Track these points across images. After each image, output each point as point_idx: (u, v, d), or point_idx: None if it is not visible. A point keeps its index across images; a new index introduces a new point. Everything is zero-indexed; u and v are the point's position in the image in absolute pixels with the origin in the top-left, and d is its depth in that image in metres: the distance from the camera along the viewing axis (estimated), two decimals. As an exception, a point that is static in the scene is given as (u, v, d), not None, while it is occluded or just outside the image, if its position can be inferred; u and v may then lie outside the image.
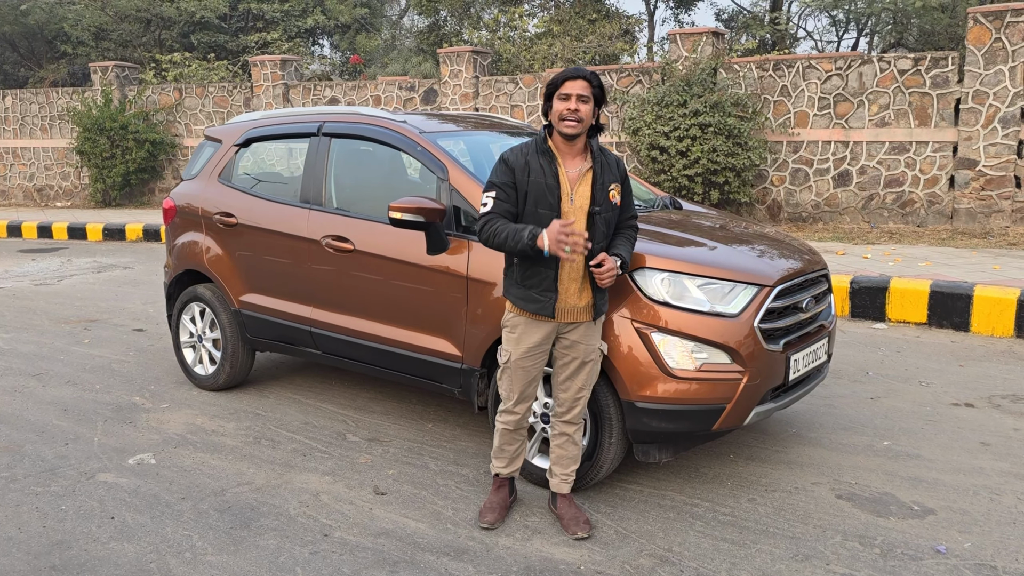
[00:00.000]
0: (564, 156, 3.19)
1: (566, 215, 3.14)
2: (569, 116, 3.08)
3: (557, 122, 3.12)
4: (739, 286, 3.52)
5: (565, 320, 3.23)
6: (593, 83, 3.12)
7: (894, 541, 3.24)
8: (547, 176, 3.14)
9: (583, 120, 3.10)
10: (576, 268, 3.18)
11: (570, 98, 3.08)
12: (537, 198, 3.14)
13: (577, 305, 3.22)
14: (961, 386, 5.13)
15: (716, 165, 10.16)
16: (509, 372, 3.33)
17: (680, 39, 11.39)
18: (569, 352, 3.28)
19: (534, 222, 3.12)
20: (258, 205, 4.85)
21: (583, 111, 3.09)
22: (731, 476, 3.86)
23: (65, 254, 11.29)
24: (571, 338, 3.26)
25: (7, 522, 3.51)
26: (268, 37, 18.71)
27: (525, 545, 3.27)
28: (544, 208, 3.14)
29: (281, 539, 3.34)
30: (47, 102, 16.45)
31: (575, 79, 3.10)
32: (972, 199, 9.82)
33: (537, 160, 3.17)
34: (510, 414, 3.39)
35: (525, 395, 3.36)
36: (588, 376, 3.31)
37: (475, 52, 13.07)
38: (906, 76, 10.06)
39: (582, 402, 3.34)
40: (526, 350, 3.27)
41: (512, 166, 3.18)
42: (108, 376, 5.57)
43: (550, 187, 3.13)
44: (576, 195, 3.15)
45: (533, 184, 3.14)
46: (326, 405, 4.93)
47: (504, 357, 3.34)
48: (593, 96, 3.12)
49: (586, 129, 3.15)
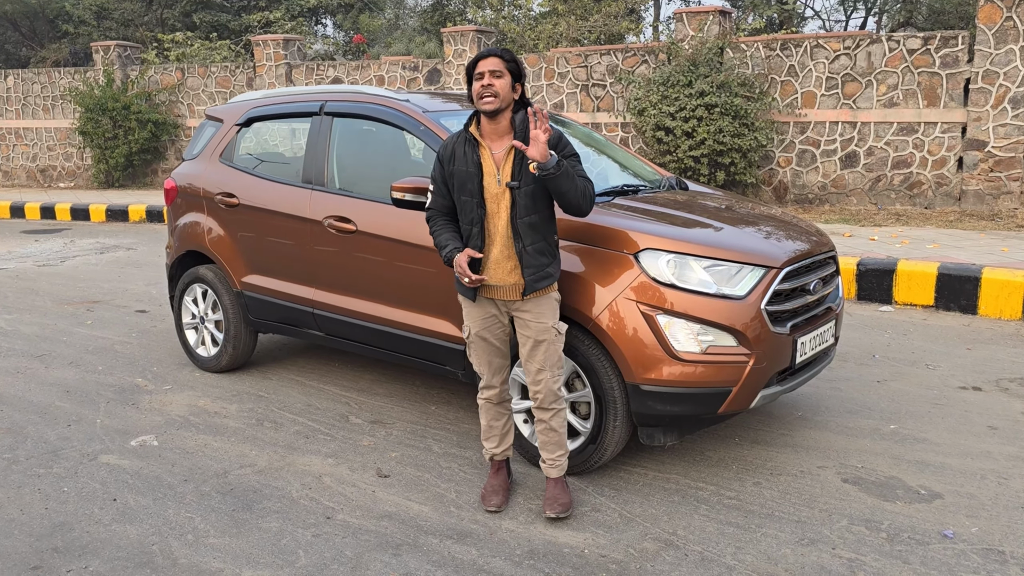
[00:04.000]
0: (491, 137, 3.24)
1: (494, 197, 3.19)
2: (484, 92, 3.13)
3: (477, 101, 3.17)
4: (746, 268, 3.48)
5: (492, 297, 3.26)
6: (505, 58, 3.18)
7: (901, 525, 3.21)
8: (468, 164, 3.20)
9: (499, 95, 3.13)
10: (506, 247, 3.19)
11: (483, 76, 3.13)
12: (460, 186, 3.23)
13: (510, 283, 3.22)
14: (968, 369, 5.08)
15: (722, 146, 10.07)
16: (473, 347, 3.40)
17: (687, 18, 11.26)
18: (523, 331, 3.29)
19: (460, 208, 3.26)
20: (260, 185, 4.80)
21: (497, 85, 3.12)
22: (736, 459, 3.83)
23: (68, 235, 11.26)
24: (522, 317, 3.27)
25: (9, 504, 3.50)
26: (271, 16, 18.58)
27: (528, 528, 3.25)
28: (466, 195, 3.21)
29: (283, 521, 3.33)
30: (49, 82, 16.36)
31: (486, 57, 3.17)
32: (980, 181, 9.72)
33: (462, 148, 3.24)
34: (489, 389, 3.43)
35: (496, 367, 3.40)
36: (545, 356, 3.25)
37: (479, 32, 12.94)
38: (915, 56, 9.93)
39: (543, 385, 3.27)
40: (479, 323, 3.33)
41: (441, 158, 3.31)
42: (111, 358, 5.55)
43: (470, 174, 3.20)
44: (503, 174, 3.19)
45: (457, 172, 3.23)
46: (329, 387, 4.91)
47: (465, 332, 3.41)
48: (508, 71, 3.16)
49: (506, 104, 3.18)
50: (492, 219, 3.20)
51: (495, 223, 3.19)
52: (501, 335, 3.36)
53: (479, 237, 3.20)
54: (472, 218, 3.20)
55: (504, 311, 3.31)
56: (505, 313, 3.32)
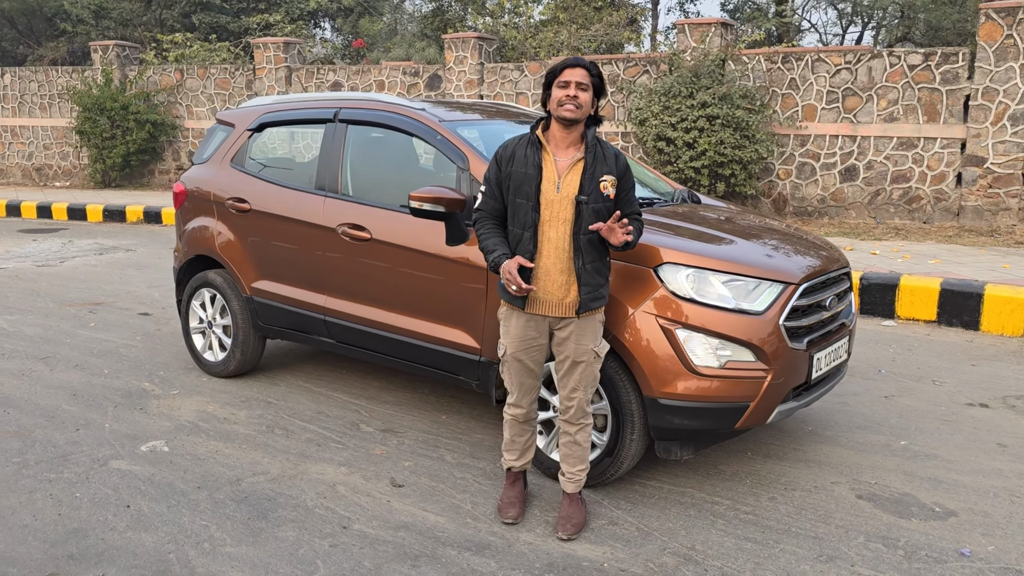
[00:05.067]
0: (557, 145, 3.18)
1: (549, 204, 3.13)
2: (568, 102, 3.07)
3: (555, 108, 3.12)
4: (764, 283, 3.49)
5: (540, 312, 3.19)
6: (593, 72, 3.12)
7: (917, 543, 3.23)
8: (528, 166, 3.15)
9: (582, 107, 3.09)
10: (560, 260, 3.14)
11: (569, 85, 3.08)
12: (516, 187, 3.17)
13: (562, 299, 3.17)
14: (974, 386, 5.12)
15: (723, 157, 10.11)
16: (507, 366, 3.33)
17: (689, 29, 11.31)
18: (561, 350, 3.25)
19: (512, 212, 3.18)
20: (272, 191, 4.79)
21: (582, 98, 3.08)
22: (750, 474, 3.84)
23: (66, 235, 11.20)
24: (561, 335, 3.23)
25: (21, 509, 3.47)
26: (271, 19, 18.54)
27: (547, 541, 3.25)
28: (521, 197, 3.15)
29: (300, 531, 3.31)
30: (46, 80, 16.29)
31: (575, 67, 3.10)
32: (979, 197, 9.80)
33: (524, 150, 3.19)
34: (516, 407, 3.38)
35: (527, 388, 3.34)
36: (581, 377, 3.24)
37: (480, 38, 12.96)
38: (916, 71, 10.01)
39: (576, 402, 3.27)
40: (518, 343, 3.26)
41: (498, 159, 3.24)
42: (116, 361, 5.52)
43: (528, 176, 3.14)
44: (564, 183, 3.13)
45: (515, 173, 3.17)
46: (337, 394, 4.90)
47: (501, 350, 3.34)
48: (592, 85, 3.12)
49: (584, 117, 3.14)
50: (544, 226, 3.13)
51: (547, 231, 3.13)
52: (537, 357, 3.28)
53: (530, 242, 3.13)
54: (525, 222, 3.14)
55: (545, 329, 3.24)
56: (546, 332, 3.24)
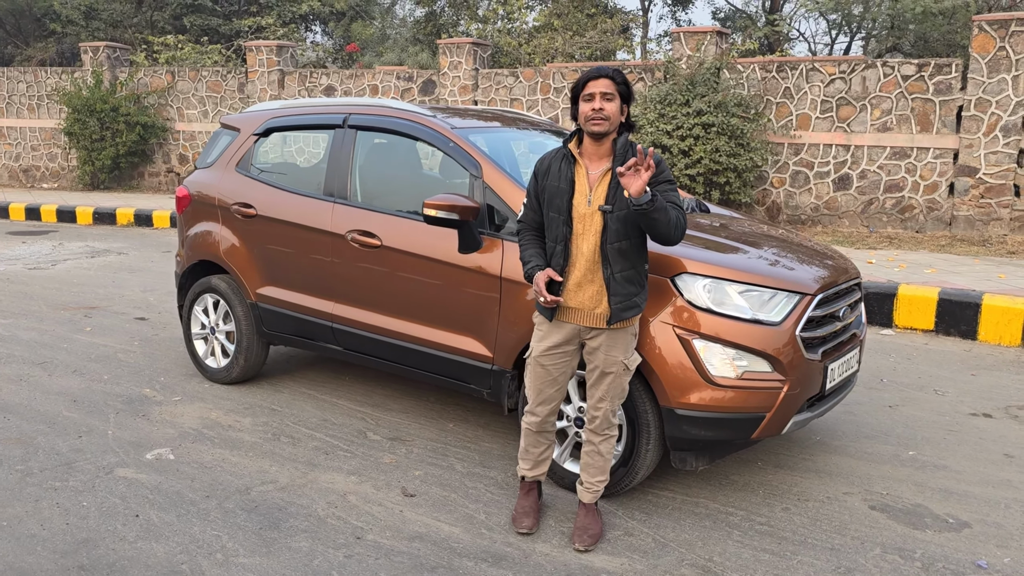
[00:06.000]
0: (591, 158, 3.18)
1: (582, 217, 3.12)
2: (594, 115, 3.06)
3: (584, 123, 3.11)
4: (780, 294, 3.49)
5: (572, 321, 3.19)
6: (617, 80, 3.11)
7: (934, 555, 3.23)
8: (561, 180, 3.15)
9: (609, 118, 3.07)
10: (591, 271, 3.13)
11: (594, 97, 3.07)
12: (549, 201, 3.18)
13: (592, 310, 3.16)
14: (976, 395, 5.14)
15: (718, 165, 10.15)
16: (529, 369, 3.32)
17: (684, 38, 11.36)
18: (591, 359, 3.24)
19: (547, 225, 3.21)
20: (279, 197, 4.75)
21: (608, 109, 3.07)
22: (762, 484, 3.84)
23: (56, 237, 11.08)
24: (592, 345, 3.22)
25: (28, 518, 3.42)
26: (262, 22, 18.46)
27: (563, 552, 3.23)
28: (553, 211, 3.17)
29: (313, 541, 3.28)
30: (35, 81, 16.13)
31: (597, 78, 3.09)
32: (971, 206, 9.88)
33: (558, 164, 3.19)
34: (532, 415, 3.36)
35: (545, 397, 3.31)
36: (609, 388, 3.22)
37: (475, 44, 12.96)
38: (909, 82, 10.09)
39: (602, 413, 3.26)
40: (546, 349, 3.24)
41: (536, 172, 3.26)
42: (115, 366, 5.45)
43: (561, 191, 3.14)
44: (595, 196, 3.12)
45: (549, 187, 3.19)
46: (342, 402, 4.85)
47: (528, 353, 3.33)
48: (619, 93, 3.10)
49: (614, 127, 3.12)
50: (577, 239, 3.13)
51: (580, 244, 3.13)
52: (563, 367, 3.27)
53: (562, 256, 3.13)
54: (557, 236, 3.14)
55: (576, 338, 3.23)
56: (576, 341, 3.23)
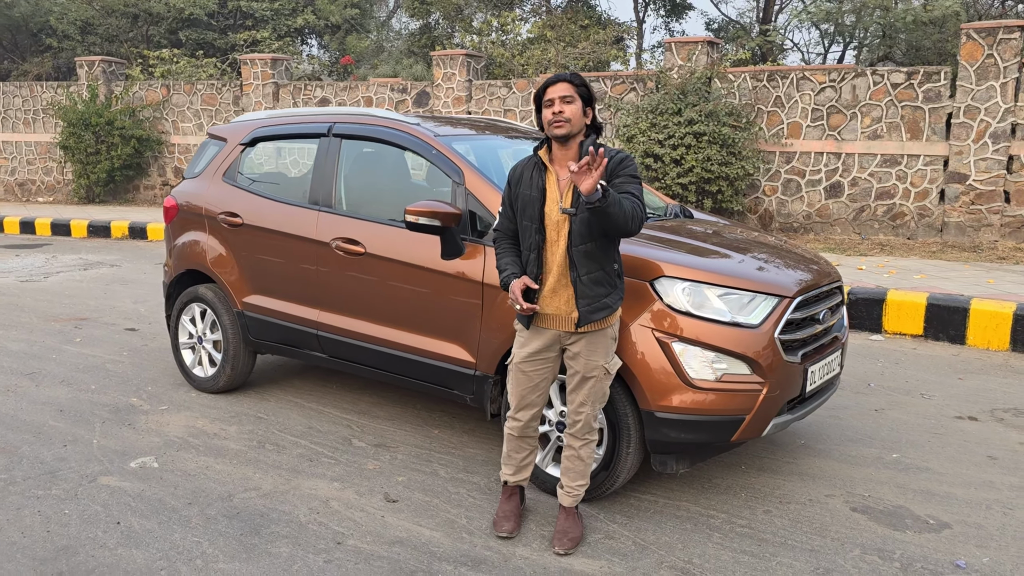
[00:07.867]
0: (561, 163, 3.20)
1: (555, 224, 3.14)
2: (554, 119, 3.09)
3: (547, 127, 3.15)
4: (759, 296, 3.51)
5: (550, 327, 3.21)
6: (575, 83, 3.14)
7: (913, 555, 3.24)
8: (533, 188, 3.18)
9: (570, 120, 3.09)
10: (564, 276, 3.15)
11: (553, 103, 3.10)
12: (522, 209, 3.21)
13: (568, 314, 3.17)
14: (962, 399, 5.15)
15: (710, 174, 10.19)
16: (511, 375, 3.34)
17: (675, 48, 11.42)
18: (572, 364, 3.26)
19: (521, 233, 3.24)
20: (265, 206, 4.77)
21: (568, 111, 3.09)
22: (744, 487, 3.84)
23: (49, 250, 11.10)
24: (573, 350, 3.23)
25: (9, 526, 3.42)
26: (257, 35, 18.55)
27: (543, 555, 3.23)
28: (526, 220, 3.20)
29: (294, 547, 3.28)
30: (31, 95, 16.20)
31: (556, 83, 3.13)
32: (962, 213, 9.92)
33: (530, 172, 3.22)
34: (514, 420, 3.37)
35: (527, 402, 3.32)
36: (589, 393, 3.24)
37: (469, 55, 13.03)
38: (899, 90, 10.15)
39: (583, 418, 3.27)
40: (527, 355, 3.27)
41: (510, 180, 3.29)
42: (103, 376, 5.46)
43: (532, 199, 3.17)
44: (565, 201, 3.15)
45: (522, 195, 3.22)
46: (328, 409, 4.86)
47: (510, 358, 3.35)
48: (579, 95, 3.13)
49: (578, 130, 3.14)
50: (551, 247, 3.15)
51: (553, 251, 3.14)
52: (544, 373, 3.28)
53: (536, 263, 3.16)
54: (531, 244, 3.17)
55: (556, 344, 3.24)
56: (556, 347, 3.25)
